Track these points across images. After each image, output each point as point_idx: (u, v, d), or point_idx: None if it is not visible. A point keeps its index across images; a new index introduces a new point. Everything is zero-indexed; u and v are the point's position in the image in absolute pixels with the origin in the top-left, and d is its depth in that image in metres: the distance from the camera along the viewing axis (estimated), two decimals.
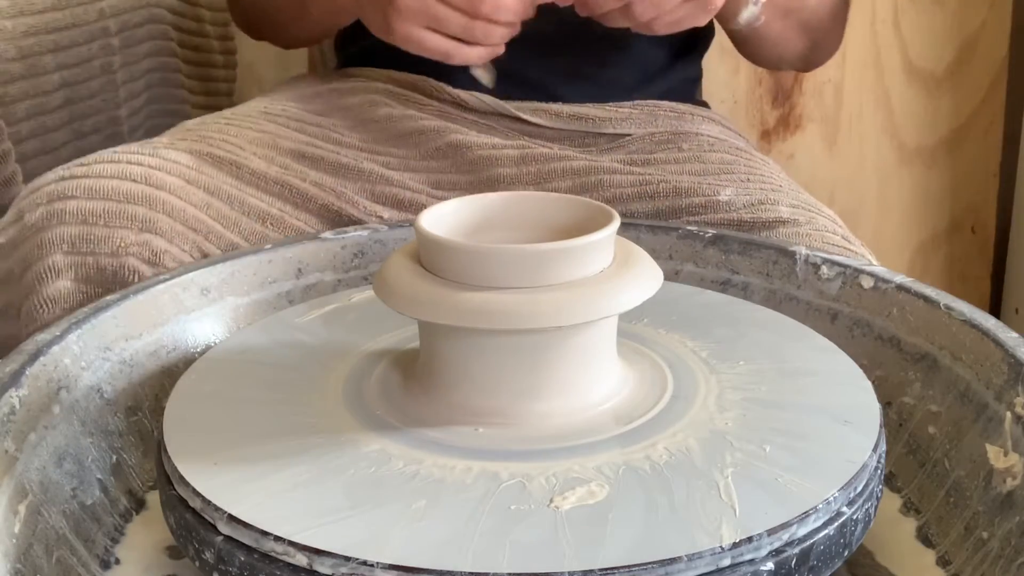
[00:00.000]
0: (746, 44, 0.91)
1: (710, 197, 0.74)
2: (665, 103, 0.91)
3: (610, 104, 0.88)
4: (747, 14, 0.81)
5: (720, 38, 0.97)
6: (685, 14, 0.71)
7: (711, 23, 0.88)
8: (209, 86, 1.20)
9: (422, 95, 0.86)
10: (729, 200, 0.74)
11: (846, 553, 0.43)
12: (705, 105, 0.99)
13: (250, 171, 0.74)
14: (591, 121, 0.86)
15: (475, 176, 0.79)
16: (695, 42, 0.96)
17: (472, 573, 0.38)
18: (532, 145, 0.82)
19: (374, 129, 0.83)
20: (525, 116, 0.85)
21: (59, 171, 0.69)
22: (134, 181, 0.67)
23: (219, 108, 1.20)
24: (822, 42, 0.92)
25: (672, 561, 0.38)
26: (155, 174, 0.68)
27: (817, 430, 0.47)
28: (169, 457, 0.45)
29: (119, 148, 0.71)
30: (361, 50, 0.92)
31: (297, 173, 0.75)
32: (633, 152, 0.85)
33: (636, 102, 0.89)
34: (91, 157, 0.69)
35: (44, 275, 0.64)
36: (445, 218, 0.50)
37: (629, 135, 0.86)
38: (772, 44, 0.89)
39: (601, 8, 0.71)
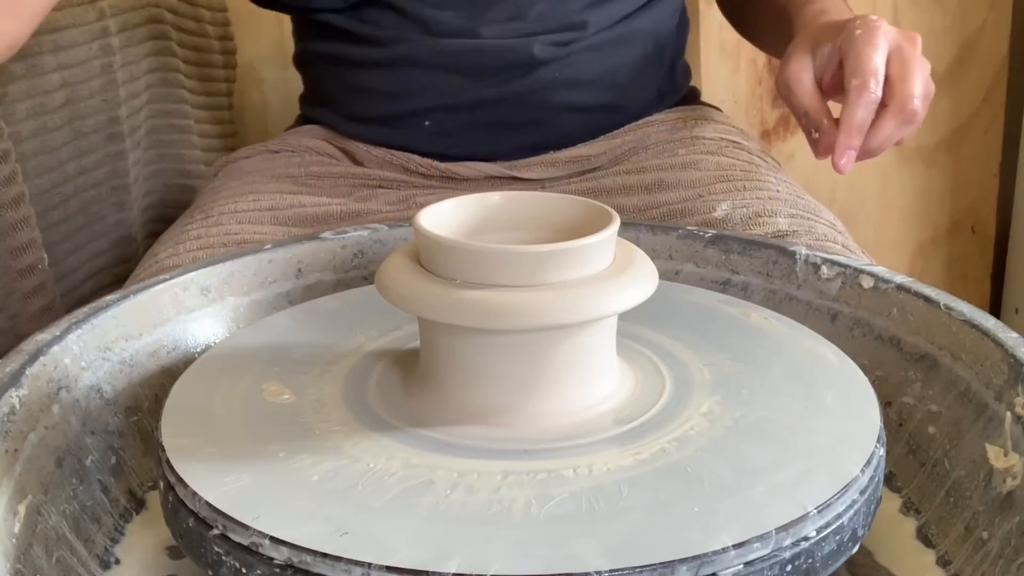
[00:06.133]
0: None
1: (706, 215, 0.74)
2: (656, 116, 0.91)
3: (602, 137, 0.89)
4: None
5: (720, 36, 0.97)
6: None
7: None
8: (209, 86, 1.20)
9: (416, 175, 0.87)
10: (726, 216, 0.74)
11: (846, 554, 0.43)
12: (699, 100, 0.99)
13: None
14: (586, 160, 0.88)
15: None
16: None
17: (471, 574, 0.38)
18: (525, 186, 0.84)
19: (375, 219, 0.83)
20: (517, 174, 0.86)
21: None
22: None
23: (219, 108, 1.20)
24: None
25: (673, 563, 0.38)
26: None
27: (816, 430, 0.47)
28: (167, 457, 0.45)
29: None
30: (357, 119, 0.92)
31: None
32: (625, 167, 0.86)
33: (628, 126, 0.90)
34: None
35: None
36: (444, 217, 0.49)
37: (620, 153, 0.87)
38: None
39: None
